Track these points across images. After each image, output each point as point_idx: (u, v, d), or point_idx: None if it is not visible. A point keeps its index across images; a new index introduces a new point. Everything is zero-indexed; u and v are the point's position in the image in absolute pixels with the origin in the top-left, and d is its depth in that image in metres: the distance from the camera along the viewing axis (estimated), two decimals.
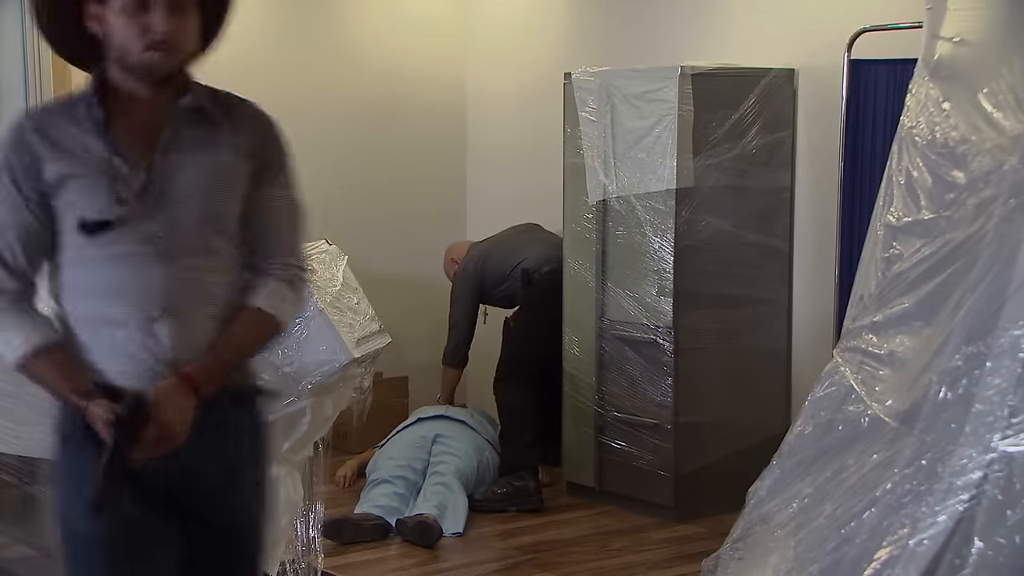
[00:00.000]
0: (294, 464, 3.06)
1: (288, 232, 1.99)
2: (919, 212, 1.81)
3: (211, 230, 1.87)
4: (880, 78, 3.94)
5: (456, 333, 4.89)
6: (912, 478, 1.54)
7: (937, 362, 1.63)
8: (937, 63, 1.96)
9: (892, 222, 1.94)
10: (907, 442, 1.61)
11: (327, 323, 2.89)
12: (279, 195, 1.98)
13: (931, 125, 1.86)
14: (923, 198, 1.82)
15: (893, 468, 1.61)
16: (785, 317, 4.54)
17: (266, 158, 1.97)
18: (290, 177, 2.01)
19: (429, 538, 4.09)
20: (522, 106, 5.42)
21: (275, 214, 1.97)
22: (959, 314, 1.60)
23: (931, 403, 1.60)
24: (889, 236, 1.95)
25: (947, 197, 1.72)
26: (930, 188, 1.82)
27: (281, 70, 5.31)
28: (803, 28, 4.34)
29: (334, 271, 3.12)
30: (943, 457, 1.50)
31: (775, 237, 4.48)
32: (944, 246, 1.72)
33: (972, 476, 1.43)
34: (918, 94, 1.98)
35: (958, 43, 1.87)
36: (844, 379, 1.99)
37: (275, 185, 1.96)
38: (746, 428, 4.40)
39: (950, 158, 1.75)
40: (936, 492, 1.46)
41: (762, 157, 4.39)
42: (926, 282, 1.74)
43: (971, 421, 1.46)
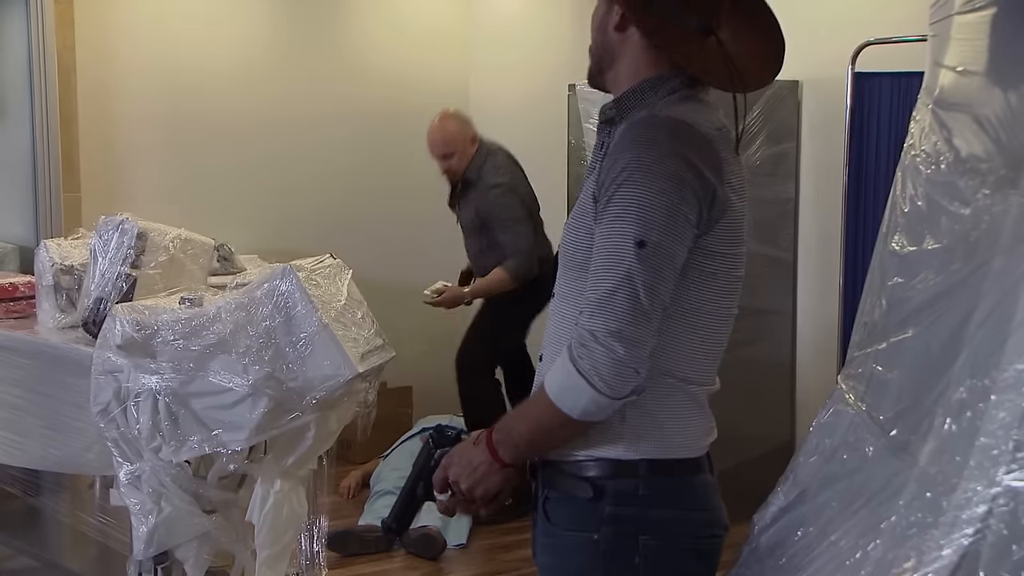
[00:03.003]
0: (298, 479, 3.06)
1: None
2: (923, 242, 1.81)
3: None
4: (884, 90, 3.95)
5: (529, 242, 4.51)
6: (917, 511, 1.54)
7: (941, 394, 1.62)
8: (940, 92, 1.95)
9: (896, 250, 1.93)
10: (911, 474, 1.60)
11: (331, 338, 2.88)
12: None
13: (935, 154, 1.85)
14: (927, 228, 1.82)
15: (898, 500, 1.60)
16: (789, 328, 4.53)
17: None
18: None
19: (433, 550, 4.10)
20: (526, 116, 5.42)
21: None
22: (964, 347, 1.60)
23: (935, 435, 1.59)
24: (893, 264, 1.95)
25: (952, 228, 1.72)
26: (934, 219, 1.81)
27: (286, 79, 5.33)
28: (807, 40, 4.34)
29: (339, 285, 3.11)
30: (947, 491, 1.50)
31: (779, 248, 4.48)
32: (949, 277, 1.71)
33: (977, 510, 1.43)
34: (921, 121, 1.98)
35: (961, 73, 1.86)
36: (848, 407, 1.99)
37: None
38: (750, 439, 4.40)
39: (954, 190, 1.75)
40: (941, 526, 1.46)
41: (766, 168, 4.39)
42: (930, 313, 1.74)
43: (975, 455, 1.46)
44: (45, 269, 3.37)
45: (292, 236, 5.27)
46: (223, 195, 5.23)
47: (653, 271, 1.58)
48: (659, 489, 1.68)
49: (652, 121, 1.67)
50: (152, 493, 2.91)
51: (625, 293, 1.57)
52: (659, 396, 1.67)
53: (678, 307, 1.65)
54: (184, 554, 3.00)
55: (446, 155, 4.53)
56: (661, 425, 1.69)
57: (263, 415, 2.82)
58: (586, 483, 1.69)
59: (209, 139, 5.18)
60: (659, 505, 1.69)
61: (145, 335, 2.88)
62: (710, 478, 1.77)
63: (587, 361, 1.58)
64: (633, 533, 1.68)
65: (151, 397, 2.86)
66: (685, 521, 1.71)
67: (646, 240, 1.57)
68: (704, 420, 1.76)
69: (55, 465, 3.34)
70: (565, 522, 1.74)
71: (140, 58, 4.98)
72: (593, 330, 1.58)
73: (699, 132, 1.64)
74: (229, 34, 5.22)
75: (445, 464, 1.77)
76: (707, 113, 1.71)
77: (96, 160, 4.84)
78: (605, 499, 1.69)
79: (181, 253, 3.25)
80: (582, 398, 1.60)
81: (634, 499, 1.68)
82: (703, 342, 1.70)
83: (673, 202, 1.58)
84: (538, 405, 1.67)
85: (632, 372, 1.58)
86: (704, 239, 1.64)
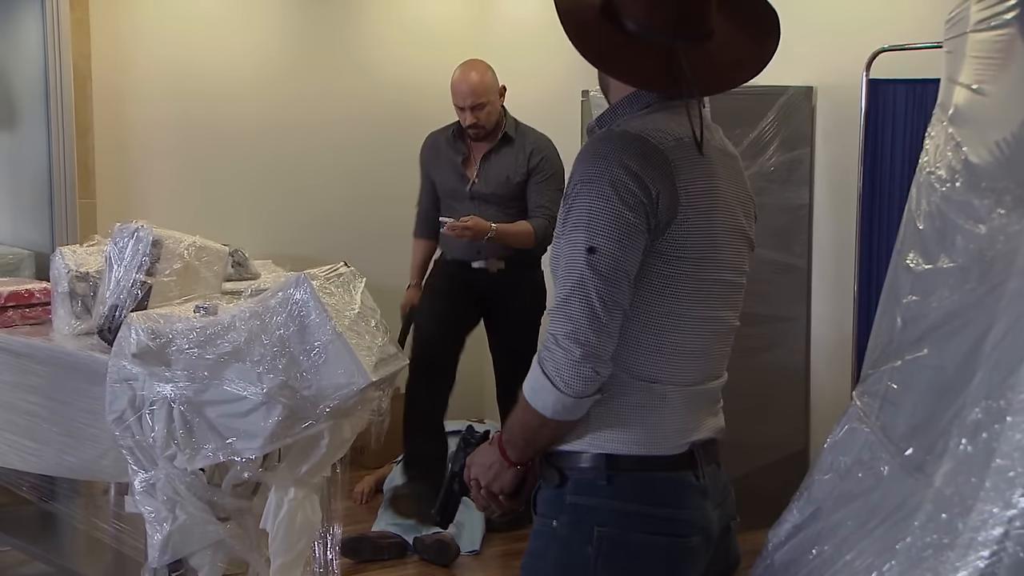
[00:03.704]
0: (312, 486, 3.07)
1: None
2: (939, 260, 1.80)
3: None
4: (899, 97, 3.93)
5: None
6: (932, 532, 1.53)
7: (957, 414, 1.62)
8: (955, 110, 1.94)
9: (912, 267, 1.92)
10: (927, 495, 1.59)
11: (345, 347, 2.89)
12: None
13: (950, 172, 1.84)
14: (942, 246, 1.81)
15: (913, 521, 1.59)
16: (803, 335, 4.52)
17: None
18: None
19: (446, 556, 4.10)
20: (539, 122, 5.41)
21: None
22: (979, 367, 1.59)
23: (951, 456, 1.58)
24: (908, 281, 1.94)
25: (967, 247, 1.71)
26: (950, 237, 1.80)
27: (299, 84, 5.34)
28: (822, 47, 4.33)
29: (352, 294, 3.12)
30: (963, 512, 1.49)
31: (793, 255, 4.47)
32: (964, 296, 1.70)
33: (993, 532, 1.42)
34: (936, 138, 1.97)
35: (976, 91, 1.85)
36: (862, 424, 1.98)
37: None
38: (764, 446, 4.39)
39: (969, 208, 1.74)
40: (957, 548, 1.45)
41: (780, 175, 4.38)
42: (946, 332, 1.73)
43: (991, 476, 1.45)
44: (61, 276, 3.39)
45: (305, 241, 5.28)
46: (237, 200, 5.24)
47: (603, 276, 1.66)
48: (619, 483, 1.74)
49: (605, 135, 1.76)
50: (167, 501, 2.92)
51: (579, 297, 1.67)
52: (624, 395, 1.74)
53: (637, 309, 1.72)
54: (199, 562, 3.01)
55: (477, 106, 4.19)
56: (625, 423, 1.75)
57: (277, 423, 2.83)
58: (554, 471, 1.79)
59: (223, 144, 5.20)
60: (617, 498, 1.74)
61: (160, 344, 2.90)
62: (687, 477, 1.77)
63: (550, 363, 1.68)
64: (588, 523, 1.74)
65: (166, 405, 2.87)
66: (643, 516, 1.74)
67: (595, 246, 1.66)
68: (679, 420, 1.78)
69: (70, 472, 3.35)
70: (540, 509, 1.84)
71: (154, 65, 5.00)
72: (555, 333, 1.68)
73: (649, 143, 1.71)
74: (242, 41, 5.24)
75: (468, 463, 1.88)
76: (671, 123, 1.76)
77: (111, 167, 4.86)
78: (567, 487, 1.77)
79: (196, 260, 3.27)
80: (549, 398, 1.70)
81: (592, 489, 1.75)
82: (667, 343, 1.75)
83: (618, 209, 1.66)
84: (522, 406, 1.76)
85: (591, 372, 1.67)
86: (659, 244, 1.71)
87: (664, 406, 1.76)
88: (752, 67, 1.83)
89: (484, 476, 1.84)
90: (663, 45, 1.74)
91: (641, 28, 1.75)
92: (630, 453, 1.74)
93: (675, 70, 1.73)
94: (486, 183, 4.28)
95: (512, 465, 1.81)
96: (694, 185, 1.73)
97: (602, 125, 1.84)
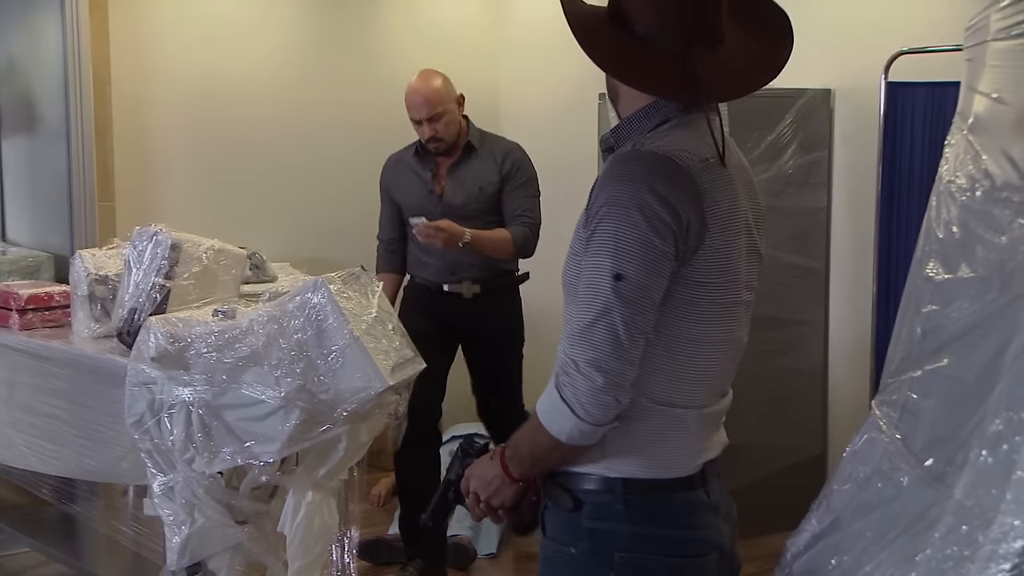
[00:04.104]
0: (329, 490, 3.07)
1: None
2: (959, 270, 1.79)
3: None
4: (918, 100, 3.92)
5: (539, 222, 4.10)
6: (952, 544, 1.52)
7: (977, 426, 1.61)
8: (975, 119, 1.93)
9: (932, 277, 1.91)
10: (947, 507, 1.59)
11: (362, 351, 2.90)
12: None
13: (970, 181, 1.83)
14: (963, 256, 1.80)
15: (933, 532, 1.58)
16: (821, 338, 4.51)
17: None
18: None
19: (463, 560, 4.10)
20: (556, 126, 5.42)
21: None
22: (1000, 378, 1.58)
23: (972, 467, 1.58)
24: (928, 291, 1.93)
25: (988, 257, 1.70)
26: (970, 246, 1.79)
27: (317, 88, 5.36)
28: (840, 49, 4.32)
29: (369, 298, 3.13)
30: (984, 525, 1.48)
31: (811, 258, 4.46)
32: (984, 307, 1.69)
33: (1014, 545, 1.41)
34: (956, 146, 1.96)
35: (996, 100, 1.84)
36: (882, 434, 1.97)
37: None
38: (782, 450, 4.38)
39: (989, 218, 1.73)
40: (978, 560, 1.44)
41: (798, 178, 4.37)
42: (965, 342, 1.72)
43: (1012, 488, 1.44)
44: (80, 279, 3.41)
45: (322, 244, 5.29)
46: (255, 203, 5.26)
47: (630, 303, 1.63)
48: (636, 506, 1.73)
49: (632, 155, 1.72)
50: (185, 504, 2.93)
51: (604, 325, 1.63)
52: (641, 420, 1.72)
53: (658, 334, 1.69)
54: (217, 565, 3.02)
55: (434, 116, 3.91)
56: (642, 448, 1.73)
57: (295, 427, 2.83)
58: (568, 495, 1.76)
59: (241, 148, 5.22)
60: (635, 522, 1.72)
61: (179, 347, 2.91)
62: (700, 496, 1.77)
63: (569, 389, 1.65)
64: (609, 548, 1.72)
65: (184, 409, 2.88)
66: (662, 539, 1.73)
67: (622, 273, 1.63)
68: (692, 441, 1.77)
69: (90, 474, 3.37)
70: (551, 532, 1.81)
71: (173, 69, 5.02)
72: (576, 359, 1.64)
73: (677, 165, 1.67)
74: (261, 45, 5.25)
75: (467, 475, 1.87)
76: (695, 141, 1.73)
77: (130, 170, 4.88)
78: (583, 512, 1.75)
79: (214, 264, 3.28)
80: (566, 424, 1.67)
81: (610, 514, 1.73)
82: (687, 368, 1.73)
83: (646, 235, 1.63)
84: (533, 426, 1.74)
85: (612, 401, 1.64)
86: (684, 269, 1.68)
87: (681, 430, 1.74)
88: (767, 72, 1.80)
89: (484, 490, 1.83)
90: (676, 52, 1.71)
91: (651, 34, 1.72)
92: (647, 477, 1.72)
93: (689, 77, 1.70)
94: (456, 196, 3.99)
95: (515, 481, 1.80)
96: (720, 208, 1.70)
97: (618, 139, 1.80)
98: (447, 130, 3.96)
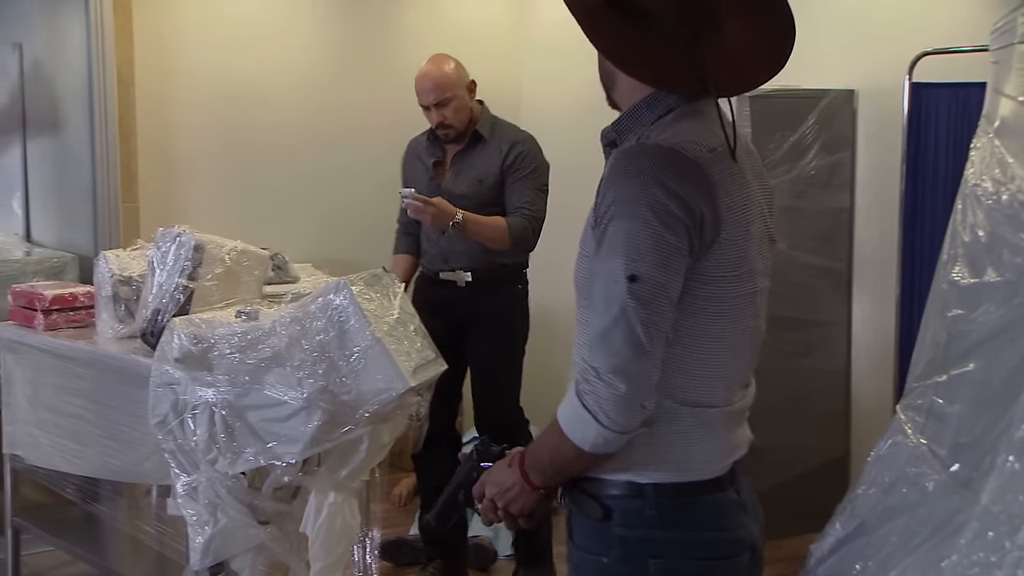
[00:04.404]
0: (351, 490, 3.08)
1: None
2: (985, 274, 1.77)
3: None
4: (942, 101, 3.89)
5: (543, 216, 3.93)
6: (979, 550, 1.51)
7: (1004, 431, 1.59)
8: (1001, 121, 1.92)
9: (958, 281, 1.90)
10: (973, 512, 1.57)
11: (384, 352, 2.91)
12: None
13: (996, 185, 1.82)
14: (989, 260, 1.79)
15: (959, 538, 1.57)
16: (844, 339, 4.49)
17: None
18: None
19: (484, 561, 4.10)
20: (578, 127, 5.40)
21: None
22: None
23: (999, 473, 1.56)
24: (954, 295, 1.91)
25: (1014, 261, 1.68)
26: (996, 250, 1.78)
27: (340, 90, 5.37)
28: (863, 50, 4.29)
29: (391, 299, 3.13)
30: (1011, 531, 1.47)
31: (833, 259, 4.44)
32: (1011, 311, 1.68)
33: None
34: (982, 150, 1.95)
35: (1022, 103, 1.83)
36: (907, 439, 1.96)
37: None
38: (804, 452, 4.36)
39: (1016, 222, 1.72)
40: (1005, 567, 1.43)
41: (821, 178, 4.35)
42: (992, 347, 1.71)
43: None
44: (104, 280, 3.42)
45: (344, 245, 5.30)
46: (277, 204, 5.27)
47: (647, 304, 1.58)
48: (667, 511, 1.69)
49: (637, 150, 1.66)
50: (208, 504, 2.95)
51: (622, 329, 1.57)
52: (667, 422, 1.67)
53: (678, 333, 1.64)
54: (239, 565, 3.03)
55: (442, 102, 3.83)
56: (670, 451, 1.69)
57: (317, 428, 2.84)
58: (596, 503, 1.72)
59: (264, 148, 5.23)
60: (667, 527, 1.69)
61: (202, 348, 2.92)
62: (730, 496, 1.74)
63: (591, 397, 1.60)
64: (642, 556, 1.69)
65: (208, 409, 2.90)
66: (695, 543, 1.70)
67: (637, 274, 1.57)
68: (720, 441, 1.74)
69: (113, 474, 3.39)
70: (581, 542, 1.77)
71: (197, 70, 5.04)
72: (595, 366, 1.59)
73: (686, 158, 1.62)
74: (284, 46, 5.27)
75: (483, 481, 1.82)
76: (702, 131, 1.68)
77: (154, 171, 4.90)
78: (613, 520, 1.71)
79: (237, 265, 3.29)
80: (590, 433, 1.62)
81: (642, 520, 1.69)
82: (709, 366, 1.69)
83: (659, 232, 1.57)
84: (555, 434, 1.68)
85: (638, 407, 1.60)
86: (699, 264, 1.63)
87: (709, 430, 1.71)
88: (774, 62, 1.73)
89: (502, 497, 1.78)
90: (677, 41, 1.65)
91: (649, 18, 1.65)
92: (677, 480, 1.69)
93: (695, 68, 1.64)
94: (455, 185, 3.89)
95: (535, 489, 1.76)
96: (732, 199, 1.65)
97: (620, 132, 1.75)
98: (456, 117, 3.86)
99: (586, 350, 1.62)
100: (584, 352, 1.62)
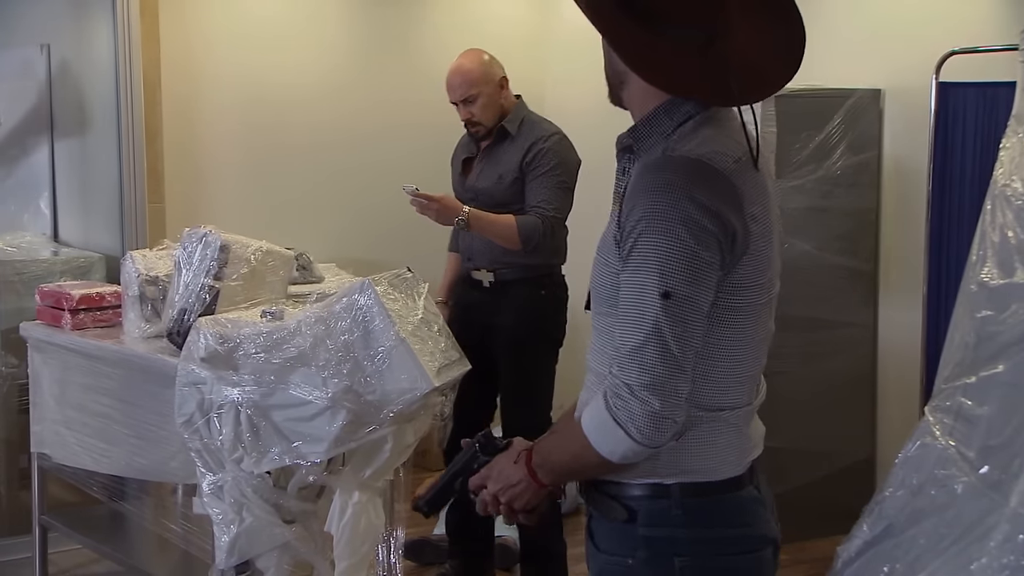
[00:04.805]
0: (375, 490, 3.09)
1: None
2: (1014, 275, 1.76)
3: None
4: (969, 101, 3.86)
5: (563, 215, 3.80)
6: (1009, 553, 1.50)
7: None
8: None
9: (987, 282, 1.88)
10: (1003, 515, 1.56)
11: (408, 352, 2.91)
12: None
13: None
14: (1018, 261, 1.77)
15: (989, 541, 1.56)
16: (870, 341, 4.46)
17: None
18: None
19: (508, 560, 4.10)
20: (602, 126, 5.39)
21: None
22: None
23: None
24: (983, 296, 1.90)
25: None
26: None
27: (365, 90, 5.38)
28: (890, 49, 4.27)
29: (415, 299, 3.14)
30: None
31: (859, 259, 4.41)
32: None
33: None
34: (1012, 150, 1.93)
35: None
36: (936, 441, 1.94)
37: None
38: (829, 454, 4.34)
39: None
40: None
41: (847, 178, 4.33)
42: (1021, 348, 1.69)
43: None
44: (131, 280, 3.44)
45: (369, 245, 5.31)
46: (302, 204, 5.29)
47: (681, 321, 1.56)
48: (692, 509, 1.69)
49: (664, 163, 1.63)
50: (234, 503, 2.96)
51: (655, 346, 1.56)
52: (692, 427, 1.67)
53: (707, 344, 1.63)
54: (265, 563, 3.04)
55: (468, 98, 3.76)
56: (694, 454, 1.69)
57: (341, 428, 2.85)
58: (620, 505, 1.71)
59: (288, 149, 5.25)
60: (693, 525, 1.69)
61: (228, 348, 2.94)
62: (752, 492, 1.74)
63: (623, 412, 1.58)
64: (668, 555, 1.68)
65: (233, 409, 2.91)
66: (720, 540, 1.70)
67: (670, 291, 1.55)
68: (742, 440, 1.74)
69: (140, 473, 3.40)
70: (604, 544, 1.77)
71: (223, 73, 5.07)
72: (628, 383, 1.58)
73: (714, 169, 1.60)
74: (308, 48, 5.29)
75: (485, 475, 1.81)
76: (725, 140, 1.66)
77: (180, 172, 4.93)
78: (638, 521, 1.70)
79: (262, 265, 3.30)
80: (620, 446, 1.61)
81: (667, 519, 1.69)
82: (732, 371, 1.69)
83: (692, 248, 1.56)
84: (576, 441, 1.67)
85: (670, 423, 1.58)
86: (729, 276, 1.62)
87: (731, 431, 1.71)
88: (789, 66, 1.71)
89: (506, 493, 1.78)
90: (691, 46, 1.63)
91: (655, 19, 1.63)
92: (701, 480, 1.69)
93: (711, 76, 1.62)
94: (480, 181, 3.82)
95: (542, 487, 1.76)
96: (757, 208, 1.64)
97: (637, 139, 1.73)
98: (483, 113, 3.78)
99: (616, 366, 1.60)
100: (612, 365, 1.61)
